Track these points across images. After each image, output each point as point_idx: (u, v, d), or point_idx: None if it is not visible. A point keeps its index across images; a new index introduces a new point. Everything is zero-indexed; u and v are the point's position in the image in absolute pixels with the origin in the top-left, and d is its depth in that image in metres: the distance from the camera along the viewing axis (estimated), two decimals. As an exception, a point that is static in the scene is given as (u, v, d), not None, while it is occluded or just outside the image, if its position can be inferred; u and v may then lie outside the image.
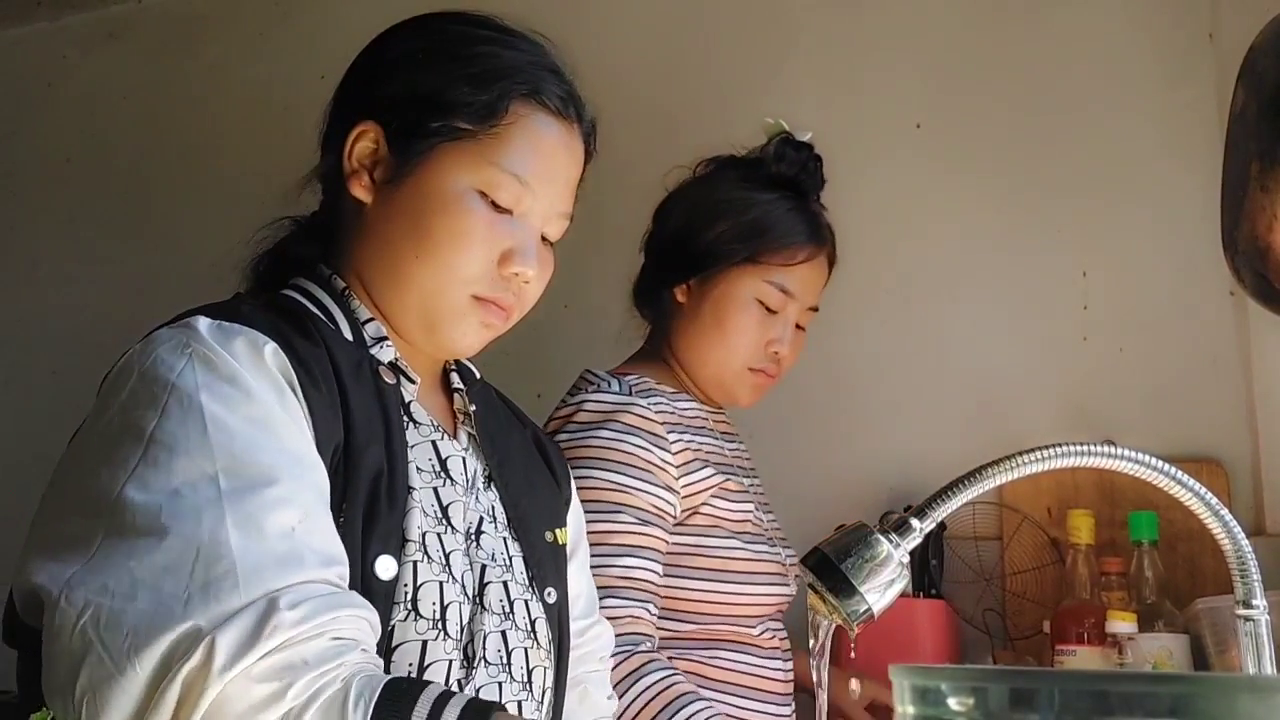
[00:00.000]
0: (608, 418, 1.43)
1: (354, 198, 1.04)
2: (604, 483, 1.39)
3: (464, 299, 1.02)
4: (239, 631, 0.75)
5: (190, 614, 0.76)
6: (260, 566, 0.79)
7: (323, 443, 0.90)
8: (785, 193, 1.58)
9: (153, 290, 2.49)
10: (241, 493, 0.82)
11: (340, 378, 0.95)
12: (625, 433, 1.43)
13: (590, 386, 1.48)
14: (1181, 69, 1.93)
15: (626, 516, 1.39)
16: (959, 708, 0.56)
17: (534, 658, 1.05)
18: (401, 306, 1.03)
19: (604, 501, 1.38)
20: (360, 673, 0.79)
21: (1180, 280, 1.89)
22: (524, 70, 1.05)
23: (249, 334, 0.90)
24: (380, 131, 1.04)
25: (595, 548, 1.32)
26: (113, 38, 2.84)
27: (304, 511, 0.84)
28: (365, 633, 0.84)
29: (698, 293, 1.55)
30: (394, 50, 1.08)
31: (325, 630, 0.79)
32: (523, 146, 1.03)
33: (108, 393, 0.90)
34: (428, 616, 0.94)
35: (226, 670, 0.74)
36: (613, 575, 1.36)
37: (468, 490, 1.05)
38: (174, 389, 0.85)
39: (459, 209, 1.01)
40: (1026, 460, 0.85)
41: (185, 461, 0.82)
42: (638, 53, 2.27)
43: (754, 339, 1.54)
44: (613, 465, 1.40)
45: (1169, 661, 1.54)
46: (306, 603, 0.79)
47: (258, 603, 0.77)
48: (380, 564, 0.91)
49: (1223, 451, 1.82)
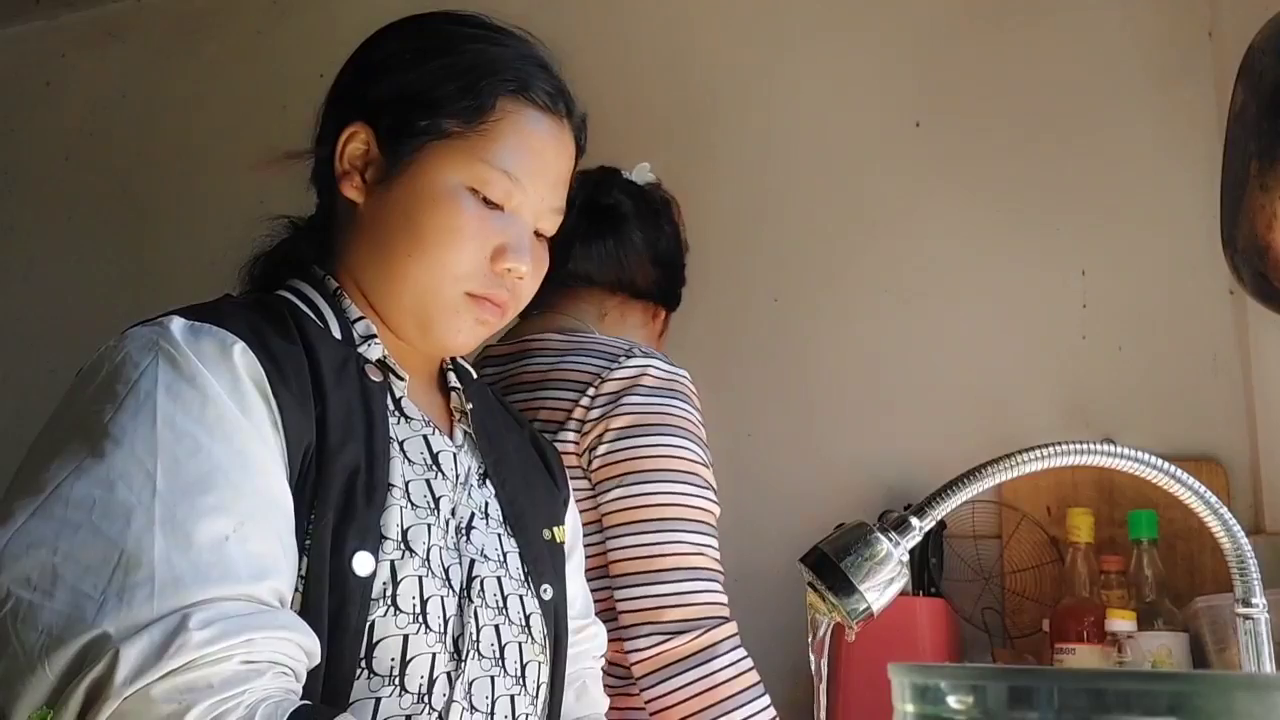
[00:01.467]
0: (672, 385, 1.38)
1: (346, 199, 1.04)
2: (693, 456, 1.34)
3: (458, 296, 1.02)
4: (144, 646, 0.75)
5: (101, 620, 0.75)
6: (179, 578, 0.78)
7: (293, 443, 0.90)
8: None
9: (151, 288, 2.49)
10: (176, 496, 0.81)
11: (319, 376, 0.94)
12: (689, 403, 1.39)
13: (633, 350, 1.40)
14: (1180, 68, 1.93)
15: (711, 495, 1.36)
16: (958, 706, 0.56)
17: (528, 652, 1.05)
18: (396, 305, 1.03)
19: (698, 476, 1.34)
20: (267, 699, 0.78)
21: (1179, 279, 1.89)
22: (511, 66, 1.05)
23: (218, 334, 0.90)
24: (370, 132, 1.04)
25: (699, 523, 1.31)
26: (111, 36, 2.84)
27: (239, 521, 0.83)
28: (286, 654, 0.82)
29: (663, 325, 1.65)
30: (382, 51, 1.08)
31: (234, 654, 0.78)
32: (512, 143, 1.03)
33: (77, 385, 0.90)
34: (407, 611, 0.94)
35: (127, 685, 0.73)
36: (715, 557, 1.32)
37: (457, 486, 1.05)
38: (134, 385, 0.86)
39: (450, 206, 1.01)
40: (1026, 459, 0.85)
41: (127, 456, 0.82)
42: (634, 52, 2.27)
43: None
44: (695, 438, 1.36)
45: (1168, 660, 1.54)
46: (220, 622, 0.77)
47: (169, 618, 0.76)
48: (357, 560, 0.91)
49: (1222, 450, 1.82)
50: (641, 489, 1.31)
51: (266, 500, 0.86)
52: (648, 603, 1.28)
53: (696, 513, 1.32)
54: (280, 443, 0.89)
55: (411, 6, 1.12)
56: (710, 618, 1.27)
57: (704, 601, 1.28)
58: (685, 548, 1.29)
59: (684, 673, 1.25)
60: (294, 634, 0.83)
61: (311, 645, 0.85)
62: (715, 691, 1.24)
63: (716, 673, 1.25)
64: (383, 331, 1.04)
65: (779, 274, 2.12)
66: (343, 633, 0.89)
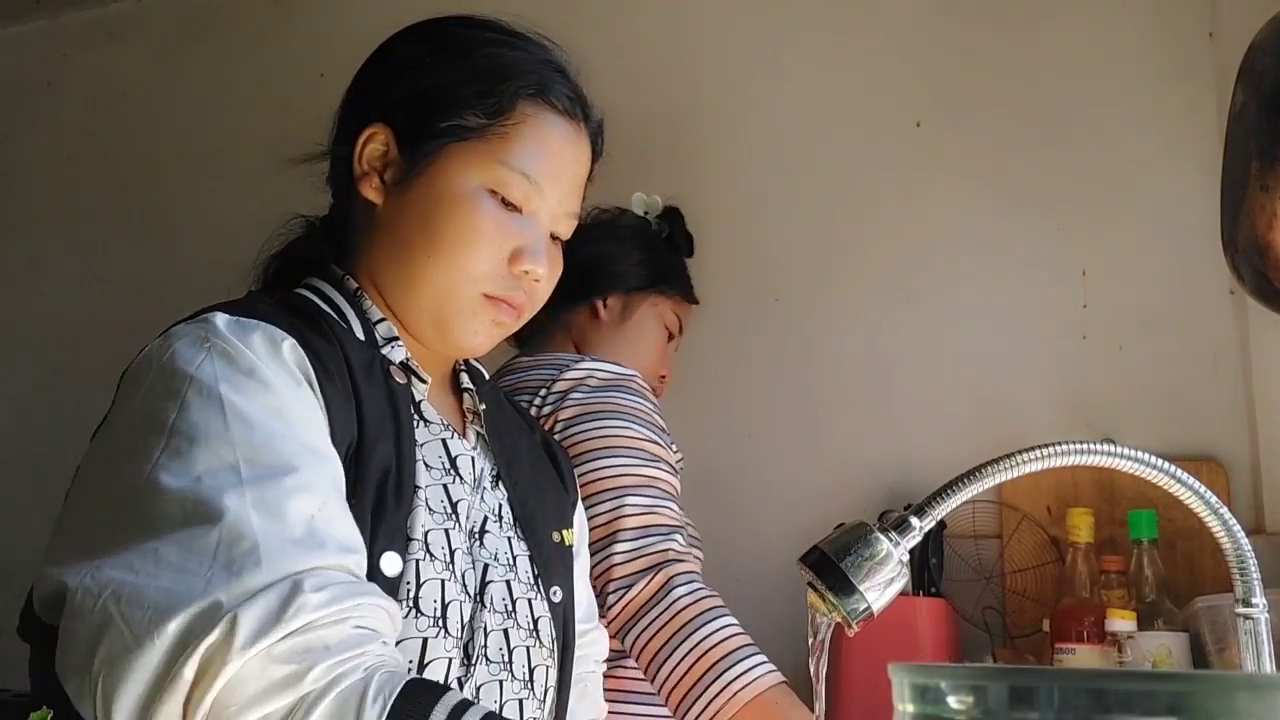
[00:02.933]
0: (619, 382, 1.47)
1: (365, 199, 1.05)
2: (638, 434, 1.41)
3: (475, 297, 1.02)
4: (262, 609, 0.75)
5: (212, 590, 0.76)
6: (283, 548, 0.79)
7: (338, 437, 0.91)
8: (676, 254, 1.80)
9: (153, 289, 2.49)
10: (262, 480, 0.82)
11: (353, 376, 0.95)
12: (638, 396, 1.47)
13: (583, 359, 1.52)
14: (1181, 68, 1.93)
15: (666, 467, 1.42)
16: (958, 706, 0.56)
17: (536, 656, 1.06)
18: (414, 306, 1.03)
19: (643, 451, 1.40)
20: (382, 667, 0.79)
21: (1180, 279, 1.89)
22: (531, 70, 1.06)
23: (266, 329, 0.91)
24: (389, 133, 1.04)
25: (647, 487, 1.36)
26: (112, 36, 2.84)
27: (323, 499, 0.84)
28: (385, 624, 0.84)
29: (615, 309, 1.69)
30: (401, 53, 1.09)
31: (348, 616, 0.79)
32: (531, 146, 1.04)
33: (128, 388, 0.91)
34: (429, 614, 0.95)
35: (247, 648, 0.74)
36: (670, 515, 1.37)
37: (474, 489, 1.05)
38: (194, 381, 0.86)
39: (469, 208, 1.01)
40: (1026, 459, 0.85)
41: (206, 451, 0.83)
42: (635, 52, 2.27)
43: (659, 361, 1.73)
44: (641, 421, 1.43)
45: (1168, 660, 1.54)
46: (330, 587, 0.78)
47: (282, 583, 0.77)
48: (385, 560, 0.92)
49: (1222, 450, 1.82)
50: (589, 466, 1.37)
51: (337, 483, 0.88)
52: (604, 565, 1.32)
53: (644, 480, 1.38)
54: (330, 435, 0.91)
55: (413, 8, 1.12)
56: (660, 564, 1.31)
57: (653, 551, 1.33)
58: (633, 509, 1.35)
59: (644, 615, 1.30)
60: (389, 605, 0.84)
61: (399, 617, 0.87)
62: (675, 620, 1.28)
63: (672, 604, 1.29)
64: (401, 333, 1.04)
65: (780, 274, 2.12)
66: None
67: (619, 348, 1.65)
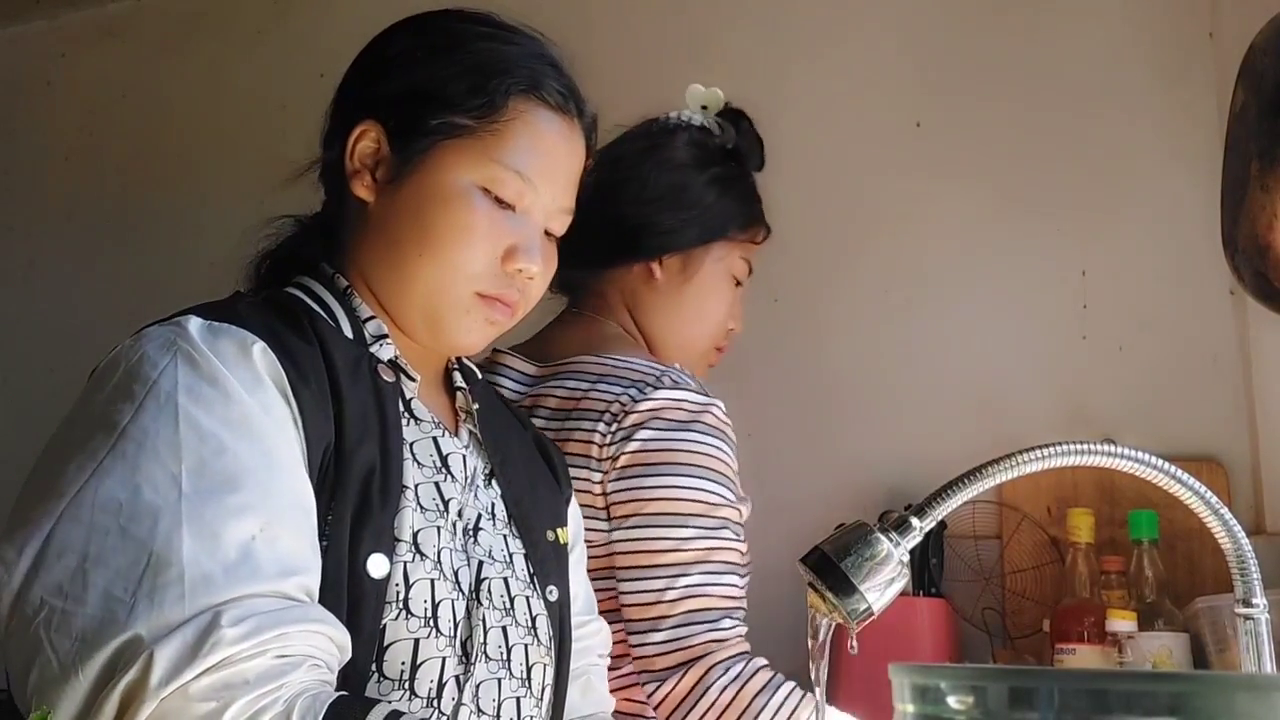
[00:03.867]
0: (698, 418, 1.34)
1: (356, 197, 1.04)
2: (706, 494, 1.32)
3: (468, 296, 1.02)
4: (178, 646, 0.75)
5: (134, 623, 0.76)
6: (209, 577, 0.78)
7: (313, 442, 0.90)
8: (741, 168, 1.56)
9: (150, 288, 2.49)
10: (203, 496, 0.81)
11: (335, 375, 0.94)
12: (713, 437, 1.34)
13: (663, 377, 1.36)
14: (1181, 68, 1.92)
15: (729, 533, 1.33)
16: (958, 706, 0.56)
17: (534, 654, 1.05)
18: (406, 304, 1.03)
19: (707, 516, 1.31)
20: (304, 692, 0.78)
21: (1180, 279, 1.89)
22: (523, 65, 1.05)
23: (238, 334, 0.90)
24: (381, 130, 1.03)
25: (701, 564, 1.29)
26: (111, 36, 2.84)
27: (266, 520, 0.83)
28: (319, 648, 0.82)
29: (674, 269, 1.49)
30: (393, 49, 1.08)
31: (268, 648, 0.78)
32: (524, 142, 1.03)
33: (93, 385, 0.90)
34: (419, 614, 0.94)
35: (163, 686, 0.73)
36: (722, 595, 1.30)
37: (466, 487, 1.05)
38: (154, 386, 0.85)
39: (462, 205, 1.00)
40: (1026, 459, 0.85)
41: (151, 458, 0.82)
42: (635, 52, 2.27)
43: (724, 317, 1.53)
44: (711, 475, 1.32)
45: (1169, 660, 1.54)
46: (252, 618, 0.77)
47: (201, 616, 0.76)
48: (372, 562, 0.91)
49: (1222, 450, 1.82)
50: (645, 533, 1.30)
51: (291, 499, 0.86)
52: (644, 650, 1.29)
53: (700, 555, 1.29)
54: (301, 442, 0.89)
55: (413, 7, 1.12)
56: (694, 660, 1.26)
57: (694, 644, 1.27)
58: (681, 592, 1.28)
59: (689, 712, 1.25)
60: (326, 627, 0.83)
61: (343, 639, 0.85)
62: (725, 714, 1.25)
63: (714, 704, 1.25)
64: (393, 331, 1.04)
65: (779, 274, 2.11)
66: (356, 635, 0.89)
67: (679, 314, 1.49)
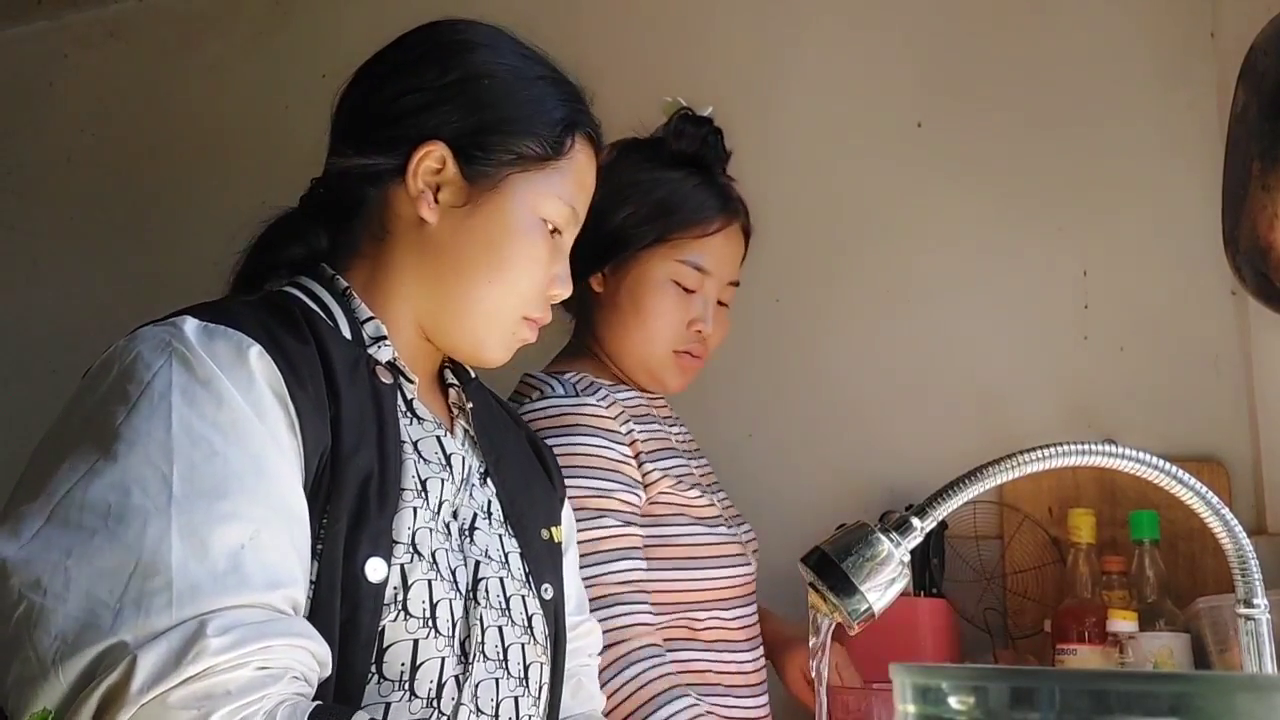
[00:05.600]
0: (559, 422, 1.41)
1: (414, 215, 1.04)
2: (580, 489, 1.36)
3: (517, 319, 1.07)
4: (162, 653, 0.75)
5: (118, 628, 0.75)
6: (196, 586, 0.78)
7: (309, 447, 0.89)
8: (689, 169, 1.55)
9: (153, 289, 2.49)
10: (193, 501, 0.81)
11: (333, 377, 0.94)
12: (584, 435, 1.40)
13: (534, 392, 1.46)
14: (1182, 68, 1.92)
15: (610, 520, 1.38)
16: (959, 706, 0.56)
17: (530, 653, 1.06)
18: (459, 324, 1.06)
19: (585, 509, 1.36)
20: (284, 703, 0.78)
21: (1180, 280, 1.89)
22: (578, 103, 1.10)
23: (234, 337, 0.89)
24: (449, 152, 1.03)
25: (586, 555, 1.34)
26: (113, 36, 2.84)
27: (255, 528, 0.83)
28: (300, 662, 0.82)
29: (613, 281, 1.52)
30: (455, 70, 1.06)
31: (251, 660, 0.78)
32: (580, 179, 1.10)
33: (86, 385, 0.90)
34: (417, 615, 0.94)
35: (144, 692, 0.73)
36: (613, 581, 1.36)
37: (463, 486, 1.05)
38: (147, 387, 0.85)
39: (535, 237, 1.05)
40: (1027, 459, 0.85)
41: (142, 460, 0.82)
42: (636, 52, 2.27)
43: (673, 321, 1.51)
44: (583, 471, 1.38)
45: (1170, 660, 1.54)
46: (237, 629, 0.77)
47: (186, 625, 0.76)
48: (370, 566, 0.91)
49: (1223, 450, 1.82)
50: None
51: (281, 507, 0.86)
52: None
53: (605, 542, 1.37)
54: (297, 446, 0.89)
55: (411, 9, 1.12)
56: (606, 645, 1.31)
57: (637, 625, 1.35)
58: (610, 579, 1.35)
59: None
60: (308, 642, 0.83)
61: (324, 654, 0.85)
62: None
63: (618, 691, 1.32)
64: (392, 333, 1.04)
65: (780, 274, 2.11)
66: (354, 639, 0.89)
67: (621, 323, 1.52)
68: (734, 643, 1.50)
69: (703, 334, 1.53)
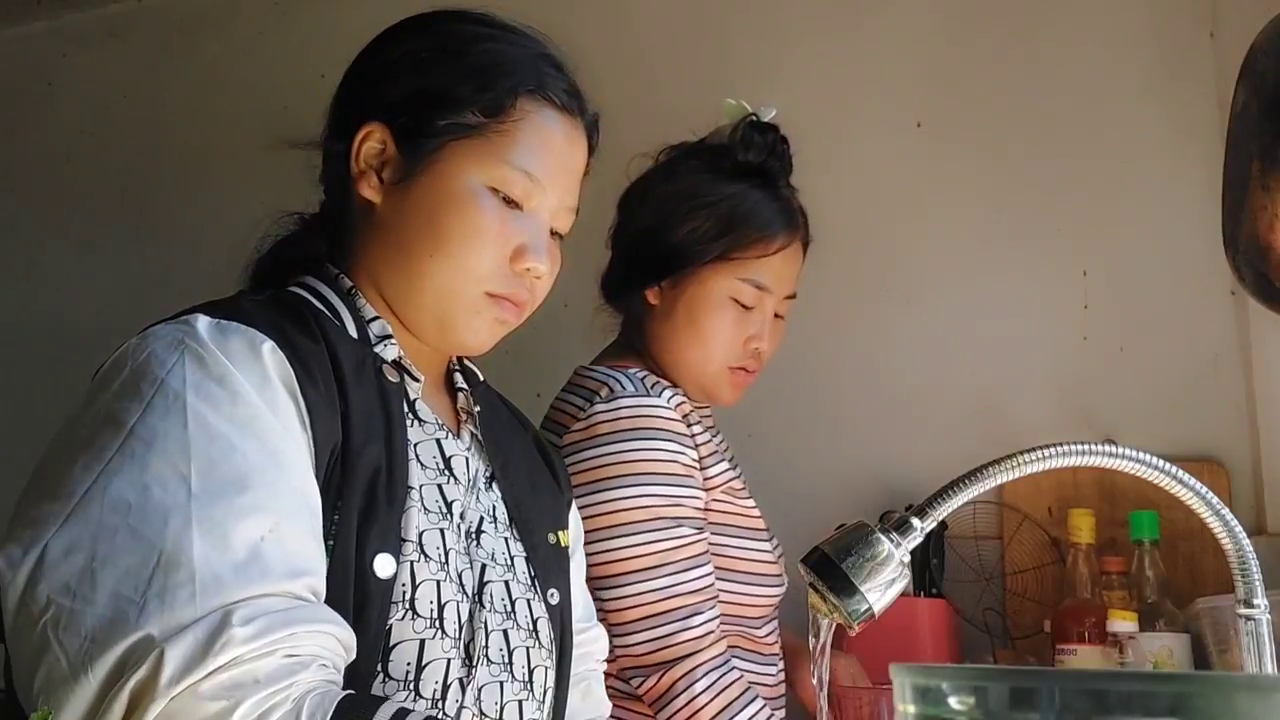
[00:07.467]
0: (634, 425, 1.37)
1: (362, 198, 1.04)
2: (657, 497, 1.34)
3: (478, 296, 1.02)
4: (189, 645, 0.75)
5: (144, 623, 0.76)
6: (219, 577, 0.78)
7: (320, 442, 0.90)
8: (754, 180, 1.51)
9: (152, 289, 2.49)
10: (212, 496, 0.81)
11: (341, 375, 0.94)
12: (658, 439, 1.37)
13: (602, 389, 1.41)
14: (1182, 68, 1.92)
15: (686, 529, 1.36)
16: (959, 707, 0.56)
17: (535, 657, 1.05)
18: (417, 305, 1.03)
19: (662, 518, 1.34)
20: (312, 691, 0.79)
21: (1181, 280, 1.88)
22: (529, 66, 1.05)
23: (247, 333, 0.90)
24: (387, 131, 1.03)
25: (664, 566, 1.33)
26: (112, 37, 2.84)
27: (275, 520, 0.83)
28: (327, 648, 0.83)
29: (670, 295, 1.49)
30: (397, 50, 1.08)
31: (278, 648, 0.78)
32: (531, 142, 1.03)
33: (99, 383, 0.90)
34: (425, 615, 0.94)
35: (173, 684, 0.74)
36: (689, 590, 1.34)
37: (469, 489, 1.05)
38: (162, 385, 0.85)
39: (472, 206, 1.01)
40: (1027, 460, 0.85)
41: (160, 457, 0.82)
42: (637, 50, 2.27)
43: (731, 338, 1.48)
44: (659, 478, 1.35)
45: (1169, 661, 1.54)
46: (261, 618, 0.78)
47: (211, 616, 0.76)
48: (379, 562, 0.91)
49: (1223, 451, 1.82)
50: (605, 545, 1.34)
51: (299, 499, 0.86)
52: (628, 650, 1.34)
53: (647, 559, 1.34)
54: (309, 441, 0.89)
55: (411, 7, 1.12)
56: (676, 659, 1.32)
57: (671, 644, 1.33)
58: (631, 600, 1.33)
59: (666, 705, 1.32)
60: (333, 627, 0.83)
61: (349, 639, 0.85)
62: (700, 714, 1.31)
63: (692, 702, 1.31)
64: (398, 332, 1.04)
65: (780, 274, 2.11)
66: (362, 635, 0.89)
67: (676, 338, 1.49)
68: (762, 655, 1.50)
69: (759, 350, 1.51)
